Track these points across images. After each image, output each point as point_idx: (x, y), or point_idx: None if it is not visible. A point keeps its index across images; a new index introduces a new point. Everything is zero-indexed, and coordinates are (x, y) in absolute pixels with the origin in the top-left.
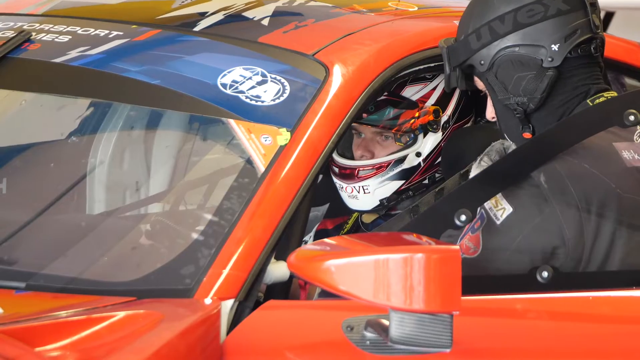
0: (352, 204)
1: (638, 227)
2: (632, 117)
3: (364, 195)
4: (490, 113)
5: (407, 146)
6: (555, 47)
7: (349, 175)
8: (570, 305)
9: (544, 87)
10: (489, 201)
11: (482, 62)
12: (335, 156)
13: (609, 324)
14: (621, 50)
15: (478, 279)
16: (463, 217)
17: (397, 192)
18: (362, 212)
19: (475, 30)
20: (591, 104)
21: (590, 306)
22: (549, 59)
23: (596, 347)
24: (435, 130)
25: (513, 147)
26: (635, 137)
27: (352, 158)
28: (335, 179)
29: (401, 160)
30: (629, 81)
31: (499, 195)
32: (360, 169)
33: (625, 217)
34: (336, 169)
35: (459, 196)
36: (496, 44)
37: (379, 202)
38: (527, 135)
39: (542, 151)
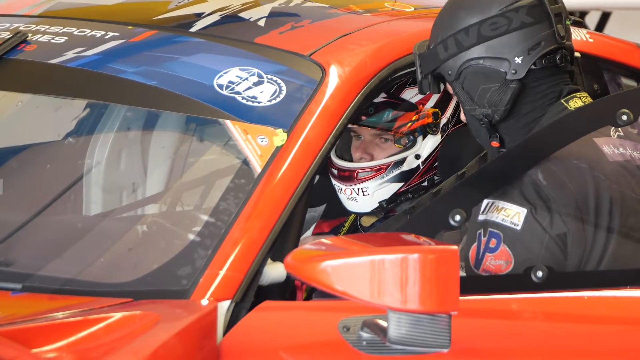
0: (351, 206)
1: (629, 220)
2: (624, 117)
3: (363, 197)
4: (464, 118)
5: (406, 148)
6: (518, 60)
7: (348, 177)
8: (565, 304)
9: (508, 100)
10: (498, 214)
11: (450, 72)
12: (334, 158)
13: (604, 323)
14: (618, 50)
15: (473, 279)
16: (458, 217)
17: (396, 194)
18: (360, 215)
19: (442, 41)
20: (565, 104)
21: (585, 306)
22: (513, 72)
23: (591, 347)
24: (434, 133)
25: None
26: (612, 132)
27: (350, 160)
28: (334, 181)
29: (400, 162)
30: (625, 81)
31: (504, 204)
32: (360, 171)
33: (618, 210)
34: (335, 171)
35: (454, 196)
36: (462, 55)
37: (377, 204)
38: (495, 144)
39: (535, 151)
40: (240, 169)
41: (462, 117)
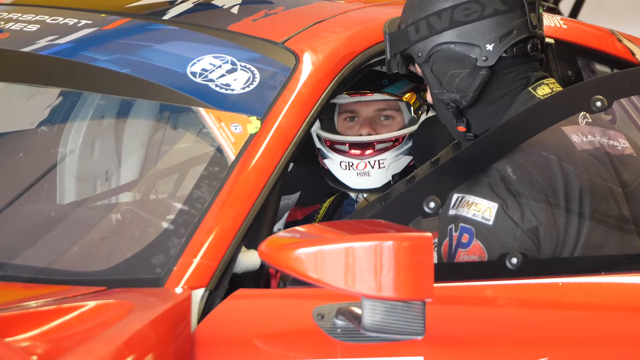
0: (360, 182)
1: (599, 208)
2: (598, 103)
3: (378, 170)
4: (431, 100)
5: (417, 120)
6: (489, 47)
7: (365, 150)
8: (540, 291)
9: (477, 86)
10: (469, 210)
11: (420, 54)
12: (340, 137)
13: (578, 309)
14: (592, 37)
15: (447, 266)
16: (432, 204)
17: (407, 168)
18: (367, 192)
19: (414, 22)
20: (533, 92)
21: (559, 292)
22: (483, 59)
23: (565, 333)
24: None
25: None
26: (580, 120)
27: None
28: (342, 158)
29: (413, 134)
30: (599, 67)
31: (475, 199)
32: (377, 143)
33: (588, 199)
34: (346, 148)
35: (428, 183)
36: (433, 38)
37: (390, 178)
38: (461, 128)
39: (509, 138)
40: (214, 156)
41: (429, 98)
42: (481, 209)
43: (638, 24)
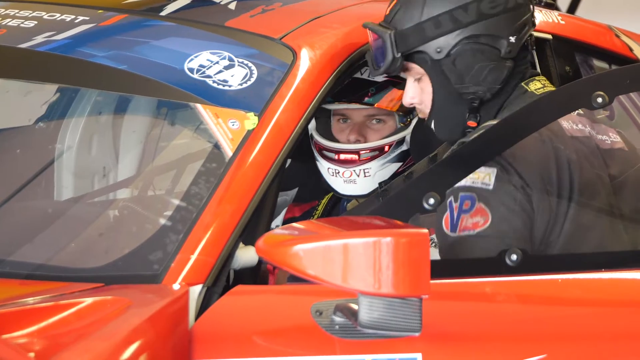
0: (347, 189)
1: (588, 190)
2: (599, 99)
3: (364, 179)
4: (410, 98)
5: (406, 127)
6: (512, 39)
7: (351, 159)
8: (539, 287)
9: (503, 78)
10: (467, 179)
11: (439, 49)
12: (329, 142)
13: (577, 306)
14: (590, 32)
15: (446, 262)
16: (432, 201)
17: (395, 174)
18: (355, 198)
19: (432, 18)
20: (525, 86)
21: (558, 288)
22: (508, 50)
23: (564, 330)
24: None
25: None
26: None
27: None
28: (328, 165)
29: (400, 141)
30: (597, 63)
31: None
32: (362, 152)
33: (577, 178)
34: (332, 155)
35: (428, 180)
36: (458, 32)
37: (377, 186)
38: (472, 123)
39: (509, 134)
40: (212, 153)
41: (408, 99)
42: (480, 175)
43: (636, 20)
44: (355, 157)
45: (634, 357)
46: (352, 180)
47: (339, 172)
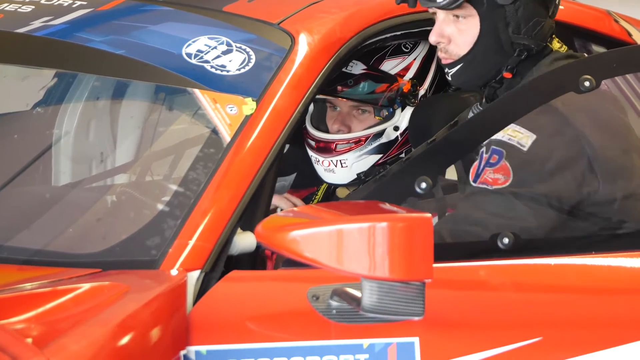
0: (328, 177)
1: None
2: (587, 83)
3: (342, 169)
4: (440, 37)
5: (385, 120)
6: (557, 1)
7: (326, 149)
8: (534, 272)
9: (549, 35)
10: (504, 134)
11: None
12: (312, 129)
13: (572, 290)
14: (589, 17)
15: (437, 246)
16: (423, 185)
17: (375, 166)
18: (337, 186)
19: None
20: (550, 45)
21: (553, 273)
22: (554, 9)
23: (559, 314)
24: (413, 104)
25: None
26: None
27: (327, 131)
28: (311, 152)
29: (379, 134)
30: (596, 48)
31: (515, 126)
32: (338, 143)
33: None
34: (312, 143)
35: (420, 164)
36: None
37: (355, 176)
38: (508, 74)
39: (499, 118)
40: (210, 138)
41: (436, 36)
42: (518, 135)
43: (634, 5)
44: (331, 147)
45: (628, 338)
46: (331, 169)
47: (319, 161)
